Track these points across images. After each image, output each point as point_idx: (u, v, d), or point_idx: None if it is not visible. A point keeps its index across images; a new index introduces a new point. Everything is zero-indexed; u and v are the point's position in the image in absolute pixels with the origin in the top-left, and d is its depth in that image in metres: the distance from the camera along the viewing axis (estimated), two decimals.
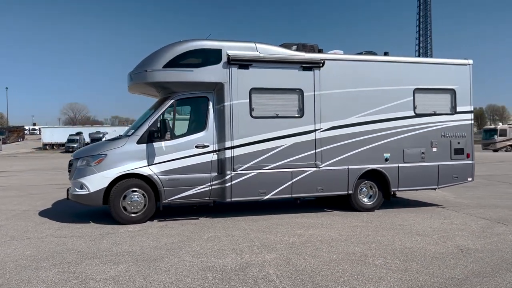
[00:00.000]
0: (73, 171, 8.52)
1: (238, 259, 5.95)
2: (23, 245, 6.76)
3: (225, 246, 6.62)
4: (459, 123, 10.18)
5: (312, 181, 9.08)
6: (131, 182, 8.29)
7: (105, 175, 8.16)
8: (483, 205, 10.46)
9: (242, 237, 7.21)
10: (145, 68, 8.55)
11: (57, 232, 7.69)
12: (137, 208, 8.32)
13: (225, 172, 8.60)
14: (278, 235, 7.39)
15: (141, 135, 8.38)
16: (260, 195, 8.84)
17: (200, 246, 6.66)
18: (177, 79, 8.47)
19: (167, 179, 8.40)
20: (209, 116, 8.72)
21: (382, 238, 7.16)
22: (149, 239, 7.13)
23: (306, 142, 9.07)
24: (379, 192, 9.72)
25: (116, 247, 6.61)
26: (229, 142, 8.61)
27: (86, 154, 8.43)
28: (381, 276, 5.24)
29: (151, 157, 8.36)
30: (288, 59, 8.98)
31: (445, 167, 10.03)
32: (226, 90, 8.61)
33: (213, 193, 8.68)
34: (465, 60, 10.33)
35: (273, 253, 6.24)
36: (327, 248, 6.49)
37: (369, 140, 9.50)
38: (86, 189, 8.19)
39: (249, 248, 6.49)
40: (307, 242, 6.89)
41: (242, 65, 8.69)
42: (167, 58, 8.42)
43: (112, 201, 8.16)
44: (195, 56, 8.58)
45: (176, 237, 7.27)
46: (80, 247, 6.60)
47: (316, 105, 9.14)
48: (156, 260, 5.89)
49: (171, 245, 6.70)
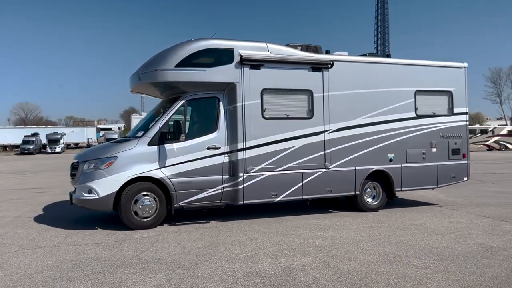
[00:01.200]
0: (78, 175, 8.08)
1: (275, 263, 5.82)
2: (39, 255, 6.33)
3: (254, 250, 6.47)
4: (456, 124, 10.48)
5: (321, 182, 9.07)
6: (142, 186, 7.96)
7: (116, 178, 7.80)
8: (476, 204, 10.81)
9: (266, 241, 7.08)
10: (155, 67, 8.24)
11: (68, 239, 7.27)
12: (149, 212, 8.00)
13: (238, 174, 8.43)
14: (300, 237, 7.31)
15: (152, 137, 8.07)
16: (271, 197, 8.73)
17: (229, 250, 6.48)
18: (189, 79, 8.22)
19: (179, 182, 8.13)
20: (220, 117, 8.52)
21: (403, 238, 7.23)
22: (171, 244, 6.86)
23: (316, 143, 9.05)
24: (383, 192, 9.85)
25: (142, 254, 6.31)
26: (241, 143, 8.45)
27: (94, 157, 8.02)
28: (428, 277, 5.27)
29: (163, 160, 8.07)
30: (299, 60, 8.93)
31: (444, 167, 10.29)
32: (238, 91, 8.45)
33: (225, 196, 8.49)
34: (460, 63, 10.65)
35: (307, 256, 6.15)
36: (357, 250, 6.48)
37: (375, 141, 9.60)
38: (95, 194, 7.79)
39: (280, 252, 6.37)
40: (334, 244, 6.86)
41: (254, 65, 8.55)
42: (179, 57, 8.15)
43: (123, 206, 7.81)
44: (208, 56, 8.36)
45: (197, 242, 7.04)
46: (103, 255, 6.25)
47: (325, 106, 9.14)
48: (192, 267, 5.67)
49: (198, 251, 6.48)
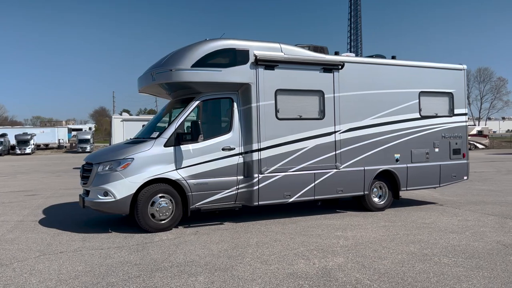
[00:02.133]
0: (92, 177, 7.86)
1: (311, 264, 5.83)
2: (64, 260, 6.13)
3: (283, 252, 6.46)
4: (456, 125, 10.76)
5: (333, 182, 9.14)
6: (159, 188, 7.82)
7: (133, 180, 7.63)
8: (472, 202, 11.13)
9: (290, 242, 7.08)
10: (170, 67, 8.10)
11: (87, 244, 7.06)
12: (165, 214, 7.87)
13: (252, 175, 8.40)
14: (322, 238, 7.34)
15: (168, 138, 7.94)
16: (285, 197, 8.74)
17: (258, 252, 6.44)
18: (205, 79, 8.13)
19: (195, 184, 8.04)
20: (234, 118, 8.46)
21: (422, 237, 7.37)
22: (196, 247, 6.77)
23: (327, 144, 9.12)
24: (389, 192, 10.01)
25: (171, 257, 6.20)
26: (256, 144, 8.42)
27: (110, 159, 7.82)
28: (465, 274, 5.38)
29: (179, 161, 7.95)
30: (311, 60, 8.97)
31: (446, 166, 10.55)
32: (253, 91, 8.42)
33: (240, 197, 8.44)
34: (460, 65, 10.94)
35: (338, 256, 6.19)
36: (383, 249, 6.56)
37: (382, 141, 9.75)
38: (111, 196, 7.60)
39: (310, 253, 6.39)
40: (358, 244, 6.92)
41: (268, 66, 8.54)
42: (195, 57, 8.05)
43: (140, 208, 7.64)
44: (224, 56, 8.29)
45: (221, 243, 6.97)
46: (131, 259, 6.11)
47: (336, 106, 9.22)
48: (229, 269, 5.62)
49: (226, 252, 6.42)
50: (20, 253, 6.52)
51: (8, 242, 7.24)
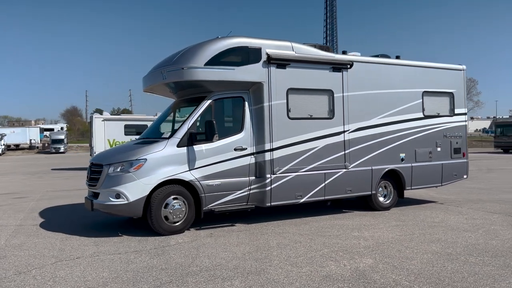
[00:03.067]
0: (102, 179, 7.57)
1: (341, 266, 5.74)
2: (85, 266, 5.85)
3: (308, 253, 6.35)
4: (456, 124, 10.90)
5: (342, 182, 9.09)
6: (172, 189, 7.59)
7: (146, 182, 7.38)
8: (470, 200, 11.31)
9: (311, 243, 6.97)
10: (181, 65, 7.88)
11: (101, 248, 6.78)
12: (179, 217, 7.65)
13: (265, 176, 8.26)
14: (340, 238, 7.27)
15: (181, 138, 7.72)
16: (297, 198, 8.63)
17: (283, 254, 6.31)
18: (219, 77, 7.94)
19: (208, 185, 7.84)
20: (246, 117, 8.30)
21: (439, 235, 7.40)
22: (218, 250, 6.59)
23: (337, 144, 9.07)
24: (394, 191, 10.05)
25: (196, 261, 6.01)
26: (268, 144, 8.28)
27: (121, 160, 7.54)
28: (499, 273, 5.39)
29: (192, 161, 7.74)
30: (322, 60, 8.90)
31: (447, 165, 10.67)
32: (265, 91, 8.28)
33: (252, 198, 8.29)
34: (460, 66, 11.09)
35: (366, 257, 6.13)
36: (407, 249, 6.53)
37: (388, 141, 9.77)
38: (124, 199, 7.33)
39: (336, 254, 6.30)
40: (379, 244, 6.87)
41: (280, 65, 8.42)
42: (208, 55, 7.85)
43: (154, 211, 7.40)
44: (237, 54, 8.12)
45: (242, 246, 6.81)
46: (156, 264, 5.89)
47: (345, 106, 9.18)
48: (262, 272, 5.47)
49: (251, 255, 6.27)
50: (33, 259, 6.19)
51: (16, 248, 6.88)
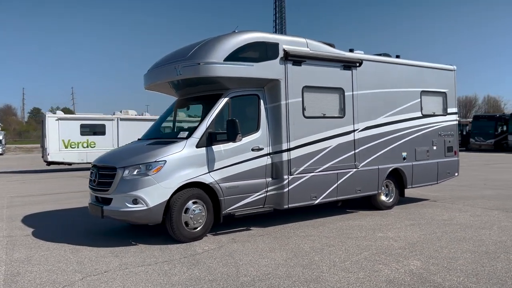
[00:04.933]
0: (116, 183, 6.92)
1: (394, 269, 5.56)
2: (121, 280, 5.26)
3: (351, 257, 6.12)
4: (449, 123, 11.14)
5: (352, 182, 8.97)
6: (192, 192, 7.09)
7: (166, 185, 6.83)
8: (460, 197, 11.59)
9: (344, 246, 6.75)
10: (198, 60, 7.37)
11: (124, 259, 6.16)
12: (199, 222, 7.16)
13: (282, 177, 7.94)
14: (371, 240, 7.09)
15: (200, 138, 7.23)
16: (312, 199, 8.39)
17: (327, 259, 6.03)
18: (237, 74, 7.52)
19: (227, 187, 7.41)
20: (261, 116, 7.94)
21: (461, 234, 7.42)
22: (254, 257, 6.20)
23: (348, 143, 8.93)
24: (396, 190, 10.08)
25: (241, 270, 5.59)
26: (285, 144, 7.98)
27: (138, 162, 6.92)
28: None
29: (211, 163, 7.28)
30: (334, 57, 8.72)
31: (442, 163, 10.88)
32: (282, 88, 7.96)
33: (268, 200, 7.95)
34: (451, 66, 11.34)
35: (412, 259, 5.98)
36: (444, 249, 6.46)
37: (393, 140, 9.77)
38: (143, 204, 6.74)
39: (378, 256, 6.12)
40: (412, 244, 6.77)
41: (296, 61, 8.14)
42: (228, 50, 7.41)
43: (175, 216, 6.86)
44: (255, 50, 7.74)
45: (277, 252, 6.45)
46: (199, 275, 5.41)
47: (354, 105, 9.06)
48: (321, 280, 5.17)
49: (293, 262, 5.94)
50: (55, 275, 5.50)
51: (24, 263, 6.10)
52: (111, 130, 26.24)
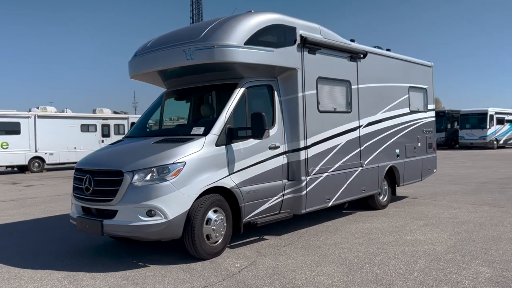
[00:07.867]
0: (123, 191, 5.53)
1: (471, 278, 5.00)
2: None
3: (412, 266, 5.45)
4: (429, 120, 11.04)
5: (359, 181, 8.36)
6: (213, 199, 5.94)
7: (187, 192, 5.62)
8: (435, 193, 11.56)
9: (387, 254, 6.08)
10: (214, 42, 6.20)
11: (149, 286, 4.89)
12: (221, 234, 6.04)
13: (300, 178, 7.06)
14: (408, 245, 6.48)
15: (219, 134, 6.09)
16: (326, 202, 7.62)
17: (379, 270, 5.30)
18: (257, 60, 6.49)
19: (247, 192, 6.37)
20: (276, 110, 6.97)
21: (484, 233, 7.09)
22: (307, 273, 5.27)
23: (355, 140, 8.31)
24: (389, 189, 9.69)
25: None
26: (303, 141, 7.10)
27: (151, 164, 5.57)
28: None
29: (231, 164, 6.18)
30: (343, 47, 8.03)
31: (425, 160, 10.74)
32: (299, 79, 7.07)
33: (285, 205, 7.01)
34: (429, 62, 11.26)
35: (476, 266, 5.48)
36: (491, 250, 6.07)
37: (388, 136, 9.36)
38: (161, 216, 5.45)
39: (438, 264, 5.53)
40: (455, 248, 6.28)
41: (312, 49, 7.31)
42: (249, 32, 6.35)
43: (196, 229, 5.66)
44: (274, 33, 6.76)
45: (323, 266, 5.59)
46: None
47: (360, 99, 8.47)
48: None
49: (369, 277, 5.13)
50: None
51: None
52: (27, 129, 23.25)
